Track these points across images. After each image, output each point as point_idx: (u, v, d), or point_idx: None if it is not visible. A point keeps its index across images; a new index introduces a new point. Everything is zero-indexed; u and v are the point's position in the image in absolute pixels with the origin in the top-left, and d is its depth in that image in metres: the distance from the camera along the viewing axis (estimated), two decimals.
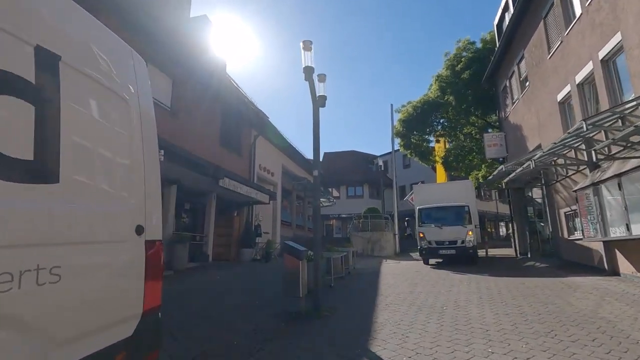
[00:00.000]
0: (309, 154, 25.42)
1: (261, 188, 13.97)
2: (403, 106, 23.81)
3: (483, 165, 23.36)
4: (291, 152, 20.56)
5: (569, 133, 7.45)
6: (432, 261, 12.95)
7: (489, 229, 34.23)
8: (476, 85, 18.80)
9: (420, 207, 13.04)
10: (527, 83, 12.96)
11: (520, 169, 10.37)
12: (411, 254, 20.74)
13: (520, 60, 13.69)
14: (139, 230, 2.11)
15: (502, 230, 37.60)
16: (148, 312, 2.14)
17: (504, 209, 29.26)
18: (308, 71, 6.34)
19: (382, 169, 28.75)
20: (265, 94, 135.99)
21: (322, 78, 7.23)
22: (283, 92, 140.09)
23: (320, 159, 20.56)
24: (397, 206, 21.31)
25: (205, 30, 13.85)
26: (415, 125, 21.51)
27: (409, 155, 24.74)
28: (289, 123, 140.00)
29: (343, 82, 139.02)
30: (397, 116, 23.10)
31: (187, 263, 10.61)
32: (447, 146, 24.17)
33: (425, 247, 12.28)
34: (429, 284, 8.56)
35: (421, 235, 12.49)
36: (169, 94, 11.44)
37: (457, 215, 12.39)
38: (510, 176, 11.67)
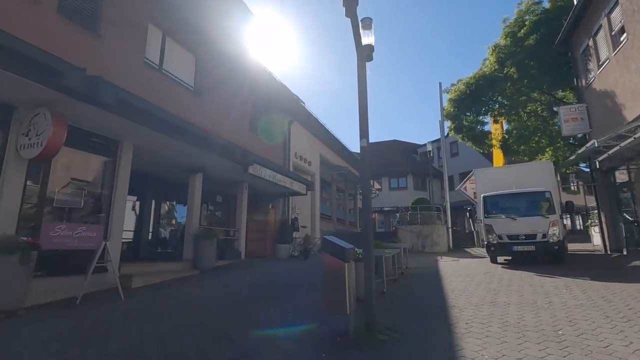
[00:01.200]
0: (347, 143, 23.73)
1: (297, 177, 12.52)
2: (453, 85, 21.25)
3: (548, 149, 20.26)
4: (329, 140, 18.95)
5: None
6: (500, 259, 10.76)
7: None
8: (543, 53, 15.95)
9: (487, 194, 10.84)
10: (625, 36, 10.25)
11: (629, 141, 7.92)
12: (467, 249, 18.38)
13: (611, 10, 10.95)
14: None
15: (579, 223, 33.64)
16: None
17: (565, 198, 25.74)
18: (350, 4, 4.63)
19: (431, 154, 26.05)
20: (299, 87, 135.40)
21: (367, 24, 5.49)
22: (316, 84, 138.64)
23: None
24: (448, 197, 18.98)
25: (234, 10, 12.54)
26: (469, 104, 18.95)
27: (460, 140, 22.16)
28: (322, 115, 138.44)
29: (381, 65, 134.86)
30: (446, 97, 20.70)
31: (215, 261, 9.39)
32: (506, 127, 21.30)
33: (494, 242, 10.12)
34: (513, 290, 6.56)
35: (488, 228, 10.34)
36: (192, 72, 10.26)
37: (535, 203, 10.07)
38: (612, 151, 9.16)
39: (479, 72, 19.00)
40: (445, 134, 26.64)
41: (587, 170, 16.24)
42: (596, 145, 9.70)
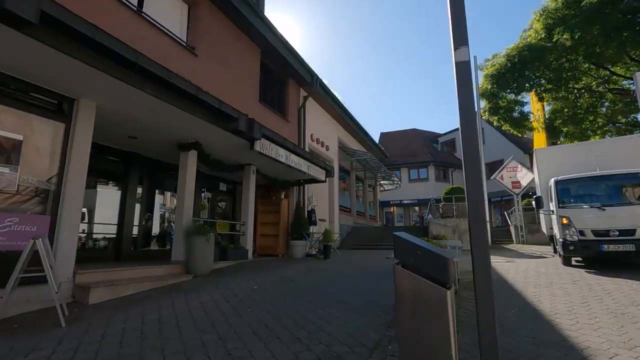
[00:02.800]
0: (368, 129, 21.38)
1: (315, 160, 10.33)
2: (487, 60, 18.71)
3: (598, 131, 17.56)
4: (349, 123, 16.66)
5: None
6: (571, 260, 8.45)
7: None
8: (606, 15, 13.35)
9: (560, 178, 8.46)
10: None
11: None
12: (506, 246, 15.98)
13: None
14: None
15: None
16: None
17: None
18: None
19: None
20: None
21: None
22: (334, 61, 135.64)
23: (377, 140, 15.97)
24: (485, 186, 16.54)
25: None
26: (510, 80, 16.40)
27: (496, 123, 19.58)
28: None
29: (397, 43, 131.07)
30: (480, 75, 18.11)
31: (213, 263, 7.31)
32: (548, 108, 18.67)
33: (573, 239, 7.76)
34: None
35: (564, 221, 7.97)
36: (184, 23, 8.11)
37: (631, 189, 7.67)
38: None
39: (522, 42, 16.40)
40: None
41: None
42: None
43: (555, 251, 11.45)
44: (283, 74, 11.93)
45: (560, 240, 8.07)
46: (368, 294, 5.73)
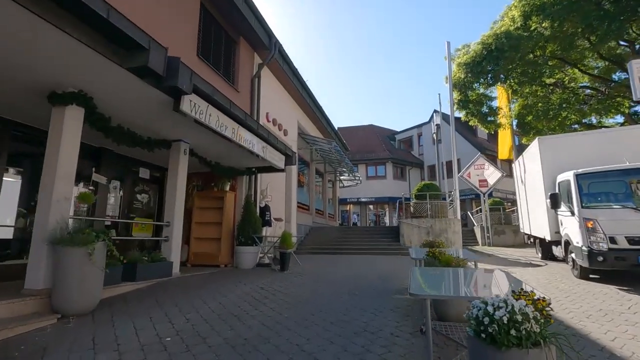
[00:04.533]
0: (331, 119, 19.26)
1: (273, 140, 7.77)
2: (458, 50, 17.45)
3: (579, 128, 16.99)
4: (310, 106, 14.26)
5: None
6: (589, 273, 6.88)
7: None
8: (590, 1, 12.44)
9: (582, 172, 6.82)
10: None
11: None
12: (475, 248, 14.71)
13: None
14: None
15: None
16: None
17: None
18: None
19: (435, 134, 22.01)
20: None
21: None
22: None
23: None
24: (457, 184, 15.12)
25: None
26: (486, 69, 15.10)
27: (464, 118, 18.39)
28: None
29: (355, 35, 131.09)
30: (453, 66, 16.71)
31: (99, 292, 4.47)
32: (517, 102, 17.82)
33: (601, 248, 6.11)
34: None
35: (590, 225, 6.31)
36: None
37: None
38: None
39: (499, 29, 15.20)
40: (424, 122, 22.91)
41: None
42: None
43: (547, 257, 10.07)
44: (233, 29, 9.18)
45: (584, 248, 6.39)
46: (367, 344, 3.38)
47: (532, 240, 11.71)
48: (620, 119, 17.68)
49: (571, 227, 6.97)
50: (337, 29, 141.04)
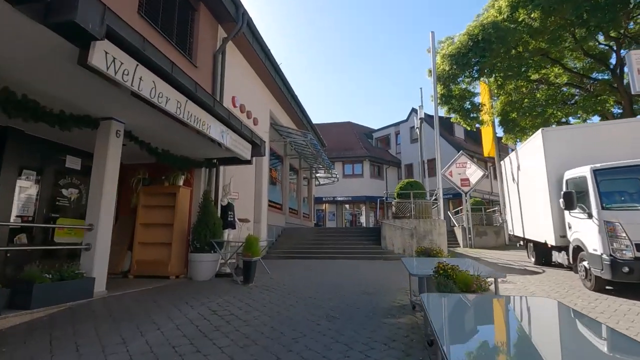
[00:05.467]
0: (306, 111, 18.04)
1: (236, 124, 6.32)
2: (441, 42, 16.57)
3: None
4: (284, 94, 12.85)
5: None
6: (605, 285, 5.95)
7: None
8: None
9: (600, 167, 5.85)
10: None
11: None
12: (457, 250, 13.85)
13: None
14: None
15: None
16: None
17: None
18: None
19: (416, 129, 20.93)
20: None
21: None
22: None
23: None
24: (441, 183, 14.20)
25: None
26: (472, 61, 14.24)
27: (446, 113, 17.56)
28: None
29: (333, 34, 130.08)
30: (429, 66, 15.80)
31: None
32: (501, 98, 17.16)
33: (625, 257, 5.14)
34: None
35: (610, 230, 5.33)
36: None
37: None
38: None
39: (486, 20, 14.39)
40: (401, 120, 21.86)
41: None
42: None
43: (541, 262, 9.21)
44: None
45: (605, 257, 5.40)
46: None
47: (522, 243, 10.89)
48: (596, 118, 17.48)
49: (585, 232, 5.99)
50: (310, 19, 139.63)
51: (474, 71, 14.81)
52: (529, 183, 8.75)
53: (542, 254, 9.02)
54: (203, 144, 6.42)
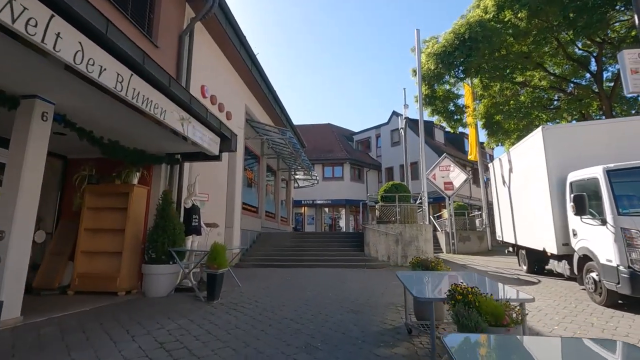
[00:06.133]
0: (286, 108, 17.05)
1: (198, 110, 5.32)
2: (425, 41, 16.08)
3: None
4: (261, 88, 11.88)
5: None
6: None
7: None
8: None
9: (616, 167, 5.24)
10: None
11: None
12: (442, 257, 13.21)
13: None
14: None
15: None
16: None
17: None
18: None
19: (401, 129, 20.14)
20: None
21: None
22: None
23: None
24: (425, 186, 13.60)
25: None
26: (459, 60, 13.74)
27: (429, 114, 17.06)
28: None
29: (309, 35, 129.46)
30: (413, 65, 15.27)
31: None
32: (483, 101, 16.84)
33: None
34: None
35: (629, 238, 4.70)
36: None
37: None
38: None
39: (472, 18, 13.97)
40: (381, 123, 21.17)
41: None
42: None
43: (533, 270, 8.65)
44: None
45: (622, 269, 4.76)
46: None
47: (511, 249, 10.36)
48: None
49: (596, 240, 5.36)
50: (287, 19, 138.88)
51: (459, 71, 14.34)
52: (524, 186, 8.18)
53: (536, 261, 8.46)
54: (161, 135, 5.38)
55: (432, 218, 20.21)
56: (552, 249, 6.76)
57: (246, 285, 7.08)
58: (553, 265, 7.19)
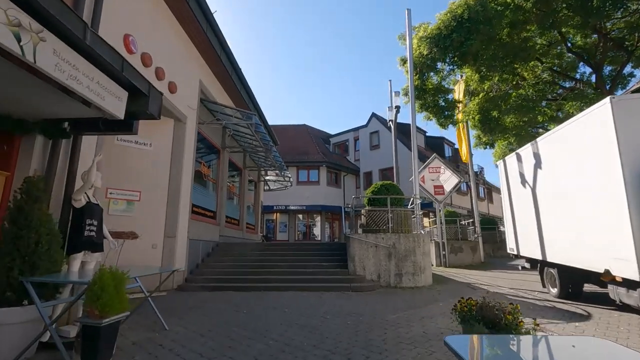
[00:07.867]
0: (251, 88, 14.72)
1: (78, 32, 2.95)
2: (415, 27, 14.25)
3: (551, 126, 14.84)
4: (222, 62, 9.44)
5: None
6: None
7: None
8: None
9: None
10: None
11: None
12: (435, 271, 11.13)
13: None
14: None
15: None
16: None
17: None
18: None
19: (389, 122, 17.88)
20: None
21: None
22: None
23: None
24: (418, 190, 11.55)
25: None
26: (456, 44, 11.88)
27: (418, 110, 15.16)
28: None
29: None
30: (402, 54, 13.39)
31: None
32: (475, 99, 15.17)
33: None
34: None
35: None
36: None
37: None
38: None
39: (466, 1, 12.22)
40: (361, 125, 19.19)
41: None
42: None
43: (561, 295, 6.69)
44: None
45: None
46: None
47: (527, 265, 8.40)
48: None
49: None
50: (251, 22, 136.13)
51: (456, 57, 12.53)
52: (565, 184, 6.20)
53: (573, 284, 6.50)
54: (33, 85, 2.89)
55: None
56: (622, 270, 4.74)
57: (178, 325, 4.60)
58: (615, 292, 5.19)
